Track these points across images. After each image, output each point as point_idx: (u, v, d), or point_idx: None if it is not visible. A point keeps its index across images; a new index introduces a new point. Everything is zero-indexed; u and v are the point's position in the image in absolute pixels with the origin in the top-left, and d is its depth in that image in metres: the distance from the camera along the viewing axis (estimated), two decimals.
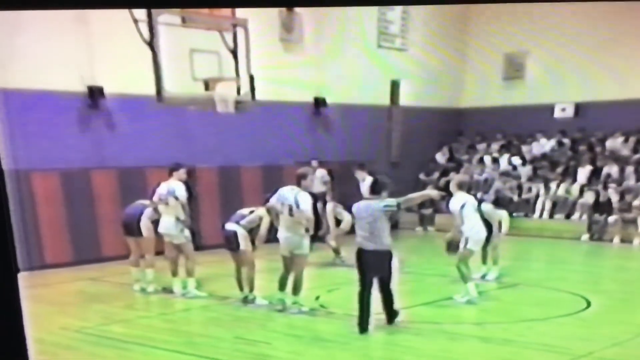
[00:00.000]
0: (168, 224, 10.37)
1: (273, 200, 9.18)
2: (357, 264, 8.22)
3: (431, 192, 10.35)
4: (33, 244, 12.00)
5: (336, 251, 12.96)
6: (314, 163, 15.31)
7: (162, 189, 10.34)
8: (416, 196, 9.20)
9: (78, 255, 13.06)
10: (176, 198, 10.28)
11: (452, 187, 10.11)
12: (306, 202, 8.96)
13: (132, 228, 10.67)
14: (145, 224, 10.60)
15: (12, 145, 2.75)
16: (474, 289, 9.82)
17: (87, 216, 13.25)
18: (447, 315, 9.28)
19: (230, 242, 9.77)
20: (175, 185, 10.34)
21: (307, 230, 9.08)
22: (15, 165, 10.03)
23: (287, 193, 9.06)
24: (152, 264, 10.88)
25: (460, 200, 9.77)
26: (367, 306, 8.20)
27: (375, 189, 8.28)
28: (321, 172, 14.89)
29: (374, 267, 8.15)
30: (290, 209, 8.99)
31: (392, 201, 8.13)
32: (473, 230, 9.81)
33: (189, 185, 10.63)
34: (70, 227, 13.08)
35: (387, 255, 8.18)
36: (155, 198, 10.41)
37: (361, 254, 8.21)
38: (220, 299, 10.40)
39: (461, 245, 9.81)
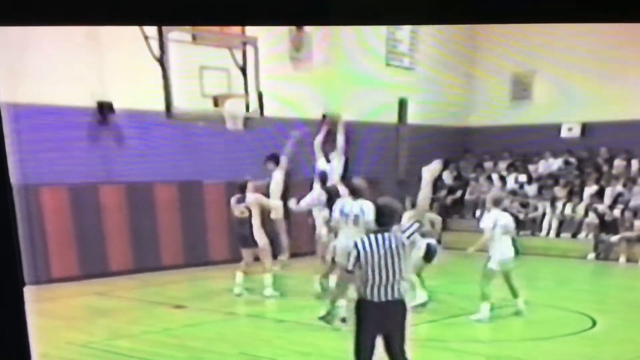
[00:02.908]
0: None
1: (336, 215, 9.47)
2: (356, 320, 6.20)
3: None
4: (40, 257, 12.02)
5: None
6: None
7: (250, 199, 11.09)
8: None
9: (85, 270, 13.04)
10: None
11: (488, 203, 10.10)
12: (371, 210, 8.96)
13: (247, 241, 11.20)
14: (258, 235, 11.13)
15: (21, 160, 2.74)
16: (487, 309, 9.80)
17: (94, 231, 13.24)
18: (454, 333, 9.27)
19: None
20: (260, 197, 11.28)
21: None
22: (24, 180, 10.09)
23: (349, 204, 9.34)
24: (270, 269, 11.38)
25: (492, 218, 9.73)
26: None
27: (382, 220, 6.21)
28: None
29: (381, 324, 6.12)
30: (356, 218, 9.24)
31: (413, 226, 6.39)
32: (498, 251, 9.72)
33: None
34: (78, 241, 13.07)
35: (401, 307, 6.14)
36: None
37: (365, 307, 6.10)
38: (226, 314, 10.40)
39: (485, 263, 9.78)
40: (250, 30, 12.26)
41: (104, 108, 13.31)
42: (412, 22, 2.75)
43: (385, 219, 6.14)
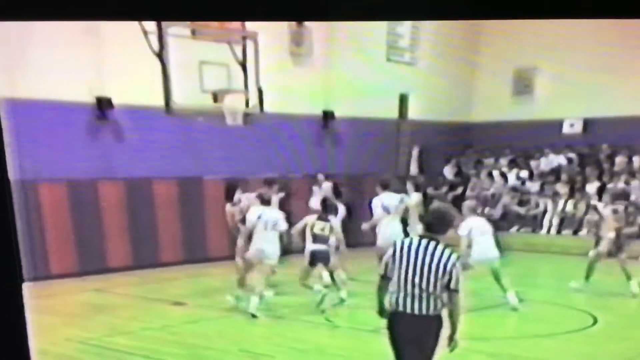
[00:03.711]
0: None
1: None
2: (390, 335, 5.55)
3: None
4: (39, 254, 11.98)
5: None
6: (320, 176, 15.33)
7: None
8: None
9: (83, 266, 13.02)
10: None
11: (464, 211, 10.54)
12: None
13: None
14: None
15: (19, 155, 2.69)
16: (513, 297, 10.36)
17: (93, 227, 13.21)
18: None
19: None
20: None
21: None
22: (23, 176, 10.04)
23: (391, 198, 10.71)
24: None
25: (467, 225, 10.22)
26: None
27: (435, 226, 5.47)
28: (327, 185, 15.19)
29: (415, 339, 5.44)
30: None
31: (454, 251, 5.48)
32: (477, 252, 10.17)
33: None
34: (76, 238, 13.04)
35: (436, 323, 5.45)
36: None
37: (399, 320, 5.44)
38: (225, 311, 10.35)
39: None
40: (251, 26, 12.20)
41: (103, 103, 13.28)
42: (412, 18, 2.71)
43: (434, 224, 5.43)
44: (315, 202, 14.58)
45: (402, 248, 5.33)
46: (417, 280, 5.26)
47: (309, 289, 10.47)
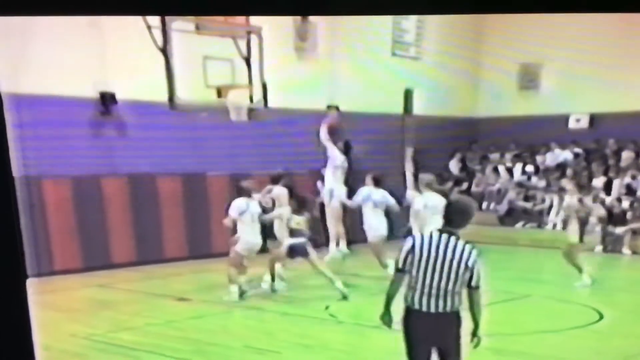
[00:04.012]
0: None
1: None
2: (405, 333, 5.26)
3: None
4: (42, 250, 11.95)
5: None
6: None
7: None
8: None
9: (87, 262, 12.97)
10: None
11: (420, 185, 10.95)
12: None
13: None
14: None
15: (23, 151, 2.70)
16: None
17: (97, 222, 13.17)
18: None
19: None
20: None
21: None
22: (26, 172, 10.01)
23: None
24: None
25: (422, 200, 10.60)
26: None
27: (455, 220, 5.16)
28: None
29: (433, 337, 5.20)
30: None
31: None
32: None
33: None
34: (80, 234, 13.00)
35: (456, 320, 5.18)
36: None
37: (415, 318, 5.16)
38: (230, 307, 10.36)
39: None
40: (255, 20, 12.12)
41: (107, 99, 13.23)
42: (417, 12, 2.67)
43: (453, 218, 5.11)
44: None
45: (422, 243, 5.03)
46: (436, 277, 4.98)
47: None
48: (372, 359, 7.86)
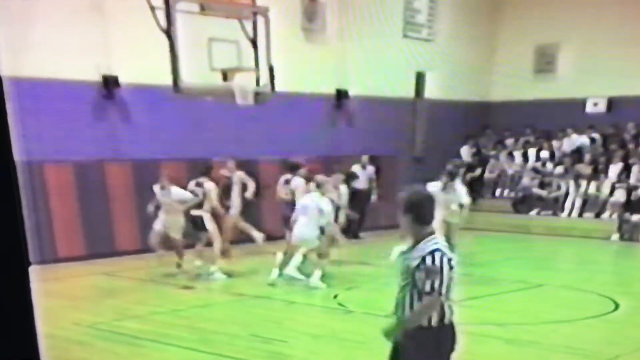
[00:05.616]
0: None
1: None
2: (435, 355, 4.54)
3: None
4: (45, 237, 11.80)
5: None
6: (364, 158, 15.68)
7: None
8: None
9: (91, 249, 12.84)
10: None
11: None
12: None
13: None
14: None
15: (24, 136, 2.63)
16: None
17: (100, 209, 13.03)
18: (470, 316, 8.98)
19: None
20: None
21: None
22: (28, 157, 9.86)
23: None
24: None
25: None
26: None
27: (428, 217, 4.35)
28: (371, 169, 15.71)
29: (448, 351, 4.53)
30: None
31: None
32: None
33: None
34: (84, 220, 12.86)
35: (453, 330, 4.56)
36: None
37: (445, 334, 4.50)
38: (236, 295, 10.28)
39: None
40: (261, 0, 11.88)
41: (110, 82, 13.05)
42: None
43: (426, 214, 4.32)
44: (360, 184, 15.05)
45: (443, 257, 4.23)
46: (452, 286, 4.35)
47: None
48: (382, 348, 7.63)
